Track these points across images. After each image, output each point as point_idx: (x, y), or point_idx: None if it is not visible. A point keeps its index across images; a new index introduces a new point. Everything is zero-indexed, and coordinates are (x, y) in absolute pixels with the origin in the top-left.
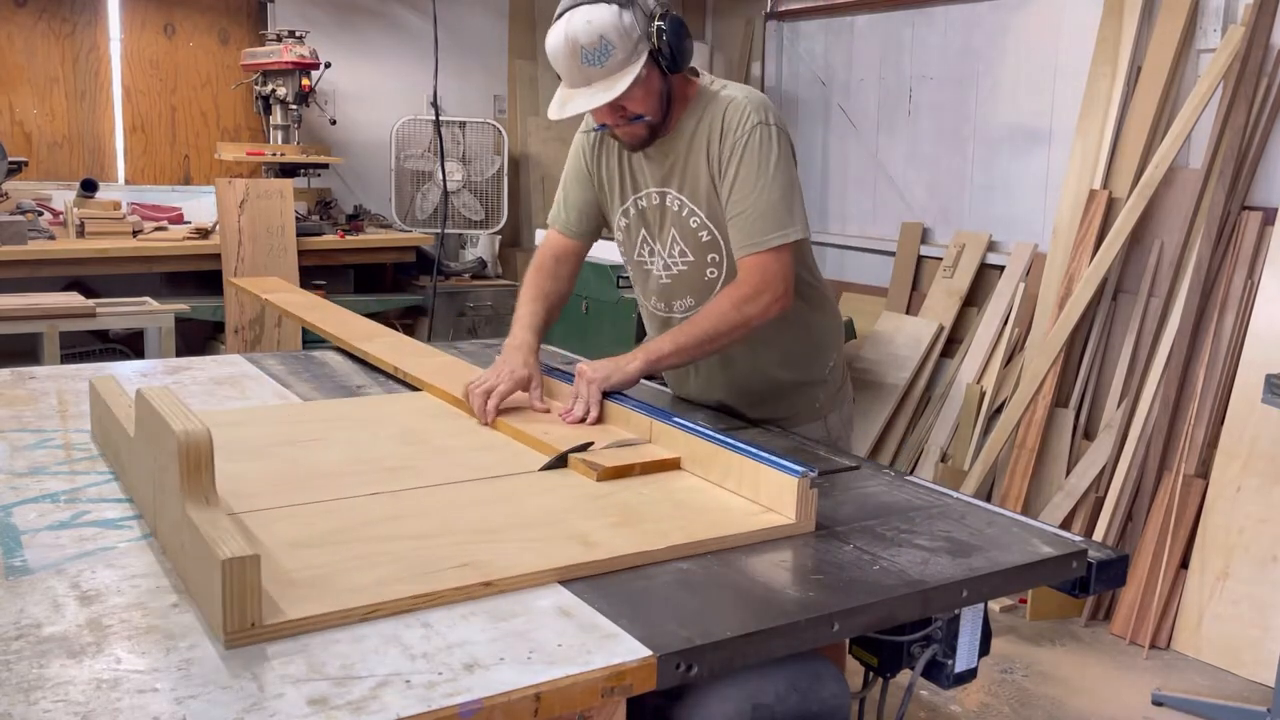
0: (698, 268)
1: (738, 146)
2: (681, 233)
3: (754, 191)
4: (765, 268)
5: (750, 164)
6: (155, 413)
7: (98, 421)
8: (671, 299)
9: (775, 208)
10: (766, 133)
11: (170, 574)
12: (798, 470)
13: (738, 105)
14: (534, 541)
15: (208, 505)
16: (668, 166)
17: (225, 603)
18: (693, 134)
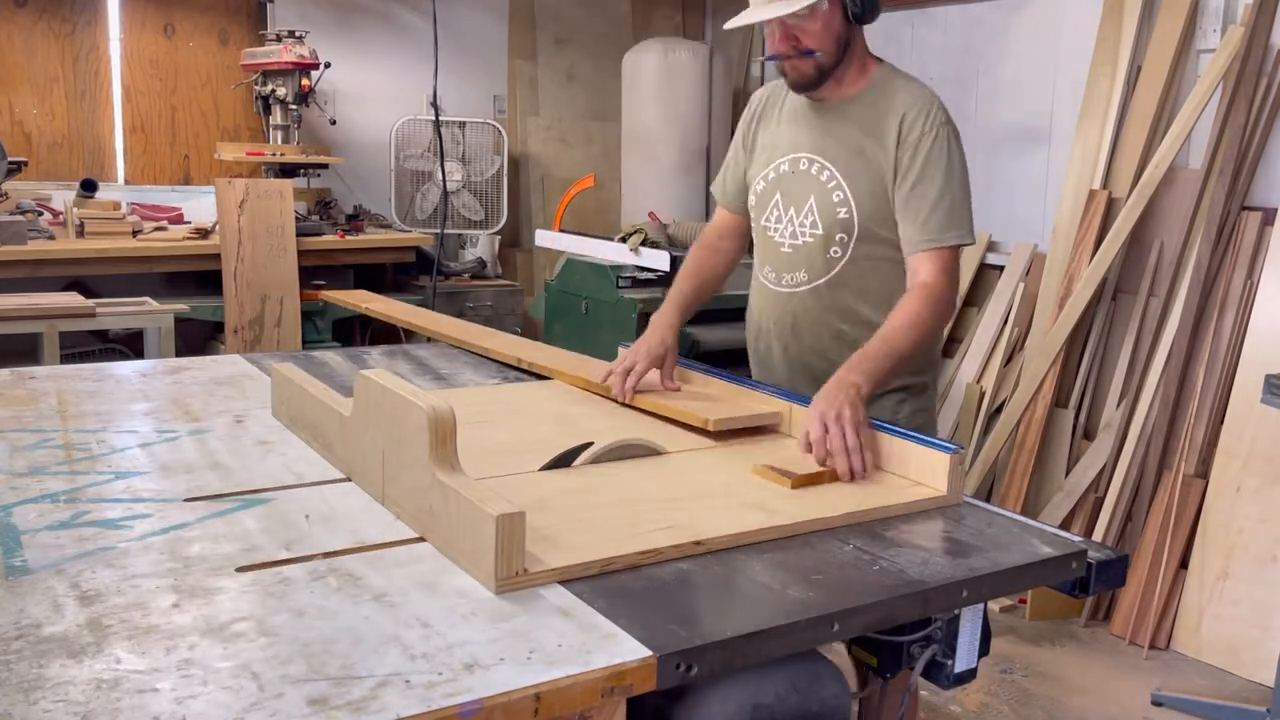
0: (823, 244)
1: (925, 139)
2: (820, 203)
3: (942, 188)
4: (945, 265)
5: (939, 161)
6: (389, 392)
7: (285, 402)
8: (785, 270)
9: (959, 208)
10: (952, 135)
11: (171, 574)
12: (949, 448)
13: (927, 99)
14: (719, 509)
15: (454, 471)
16: (826, 134)
17: (498, 553)
18: (866, 113)
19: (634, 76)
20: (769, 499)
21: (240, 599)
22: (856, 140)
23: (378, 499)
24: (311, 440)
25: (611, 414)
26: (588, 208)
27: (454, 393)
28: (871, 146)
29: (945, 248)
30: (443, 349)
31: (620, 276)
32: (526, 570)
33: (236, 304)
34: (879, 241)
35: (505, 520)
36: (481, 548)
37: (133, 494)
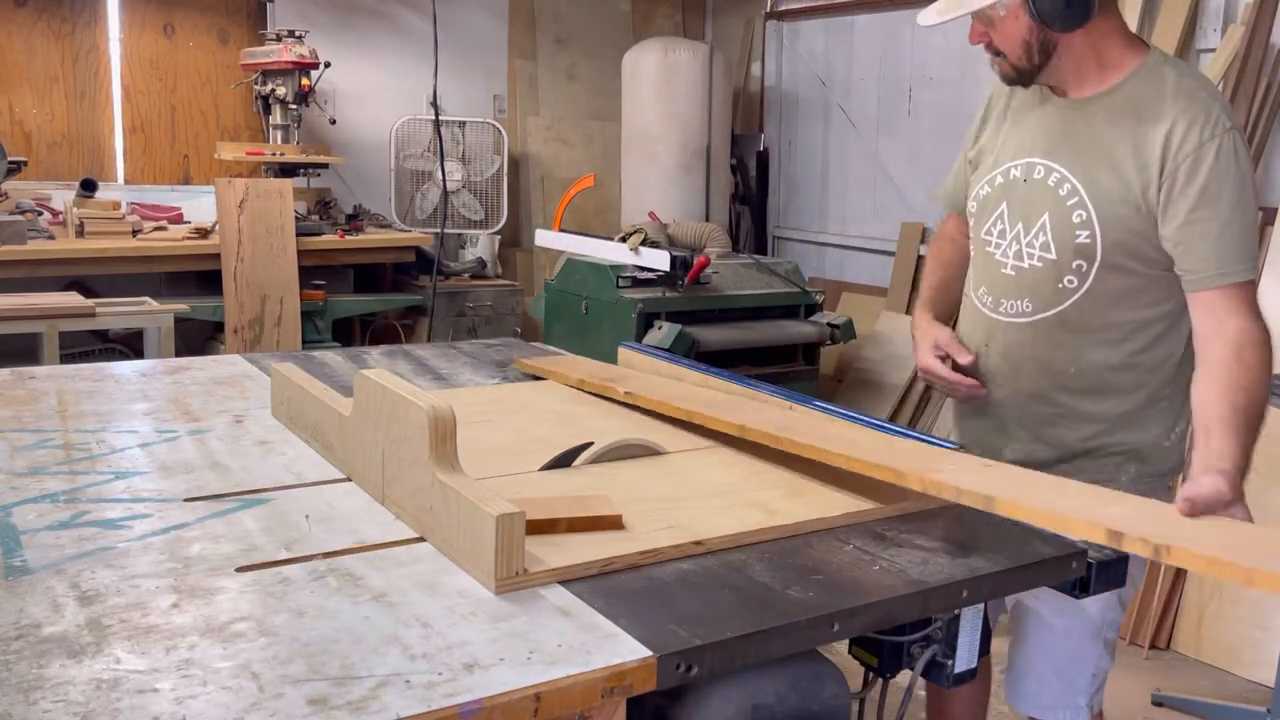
0: (1055, 270)
1: (1207, 150)
2: (1056, 224)
3: (1230, 210)
4: (1253, 302)
5: (1224, 177)
6: (388, 392)
7: (285, 402)
8: (1005, 295)
9: (1249, 233)
10: (1241, 143)
11: (171, 574)
12: (950, 446)
13: (1204, 102)
14: (720, 509)
15: (454, 471)
16: (1067, 138)
17: (498, 553)
18: (1120, 114)
19: (634, 76)
20: (771, 499)
21: (240, 599)
22: (1106, 148)
23: (378, 499)
24: (312, 440)
25: (609, 415)
26: (588, 208)
27: (454, 393)
28: (1125, 156)
29: (1247, 282)
30: (443, 349)
31: (620, 276)
32: (526, 570)
33: (236, 304)
34: (1124, 273)
35: (505, 520)
36: (481, 548)
37: (133, 494)
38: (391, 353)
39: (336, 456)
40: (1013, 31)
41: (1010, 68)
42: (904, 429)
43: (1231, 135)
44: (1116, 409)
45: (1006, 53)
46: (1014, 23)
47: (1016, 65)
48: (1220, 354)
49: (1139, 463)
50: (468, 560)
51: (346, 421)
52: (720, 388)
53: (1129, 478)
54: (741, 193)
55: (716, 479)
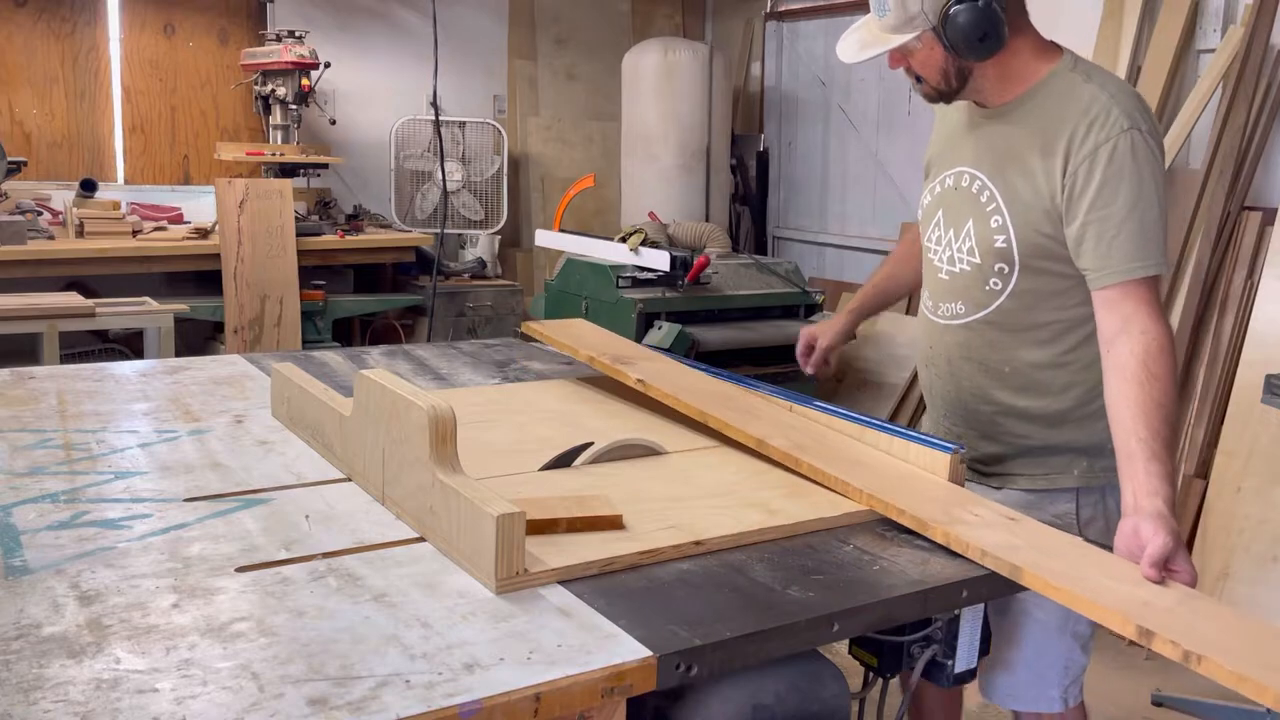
0: (980, 274)
1: (1102, 154)
2: (978, 230)
3: (1126, 209)
4: (1153, 301)
5: (1119, 176)
6: (388, 392)
7: (285, 402)
8: (942, 299)
9: (1149, 231)
10: (1141, 141)
11: (171, 574)
12: (948, 447)
13: (1104, 105)
14: (721, 509)
15: (454, 471)
16: (988, 147)
17: (498, 553)
18: (1032, 120)
19: (634, 76)
20: (771, 499)
21: (240, 599)
22: (1018, 154)
23: (378, 499)
24: (312, 440)
25: (610, 415)
26: (588, 208)
27: (454, 393)
28: (1035, 162)
29: (1143, 279)
30: (443, 349)
31: (620, 276)
32: (527, 570)
33: (236, 304)
34: (1046, 275)
35: (505, 520)
36: (482, 548)
37: (133, 494)
38: (391, 353)
39: (337, 456)
40: (929, 60)
41: (931, 89)
42: (905, 429)
43: (1130, 135)
44: (1053, 406)
45: (926, 78)
46: (929, 54)
47: (936, 88)
48: (1128, 362)
49: (1088, 458)
50: (468, 560)
51: (347, 421)
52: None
53: (1080, 471)
54: (741, 193)
55: (716, 479)
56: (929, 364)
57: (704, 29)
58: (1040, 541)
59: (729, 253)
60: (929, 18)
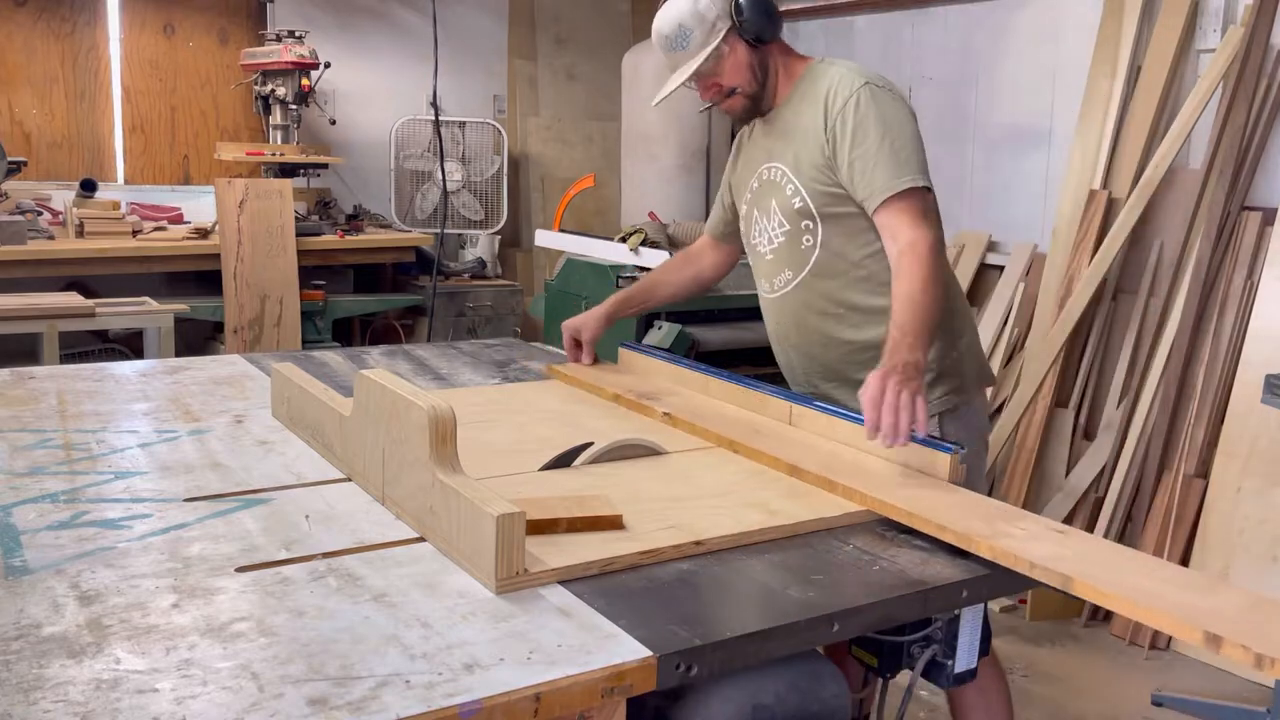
0: (794, 237)
1: (850, 104)
2: (780, 203)
3: (879, 137)
4: (918, 209)
5: (864, 119)
6: (388, 391)
7: (285, 402)
8: (773, 275)
9: (904, 151)
10: (877, 91)
11: (171, 574)
12: (948, 448)
13: (842, 74)
14: (721, 509)
15: (454, 471)
16: (776, 141)
17: (498, 553)
18: (797, 110)
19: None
20: (771, 499)
21: (240, 599)
22: (796, 133)
23: (378, 499)
24: (312, 440)
25: (609, 415)
26: (588, 208)
27: (454, 392)
28: (806, 131)
29: (905, 192)
30: (443, 349)
31: (620, 276)
32: (527, 570)
33: (236, 304)
34: (843, 218)
35: (505, 520)
36: (482, 548)
37: (132, 494)
38: (391, 353)
39: (337, 456)
40: (737, 62)
41: (745, 99)
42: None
43: (867, 88)
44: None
45: (739, 86)
46: (735, 54)
47: (747, 93)
48: (895, 260)
49: (941, 383)
50: (468, 560)
51: (347, 421)
52: (720, 389)
53: (937, 396)
54: None
55: (716, 479)
56: (782, 340)
57: None
58: (1088, 551)
59: None
60: (725, 19)
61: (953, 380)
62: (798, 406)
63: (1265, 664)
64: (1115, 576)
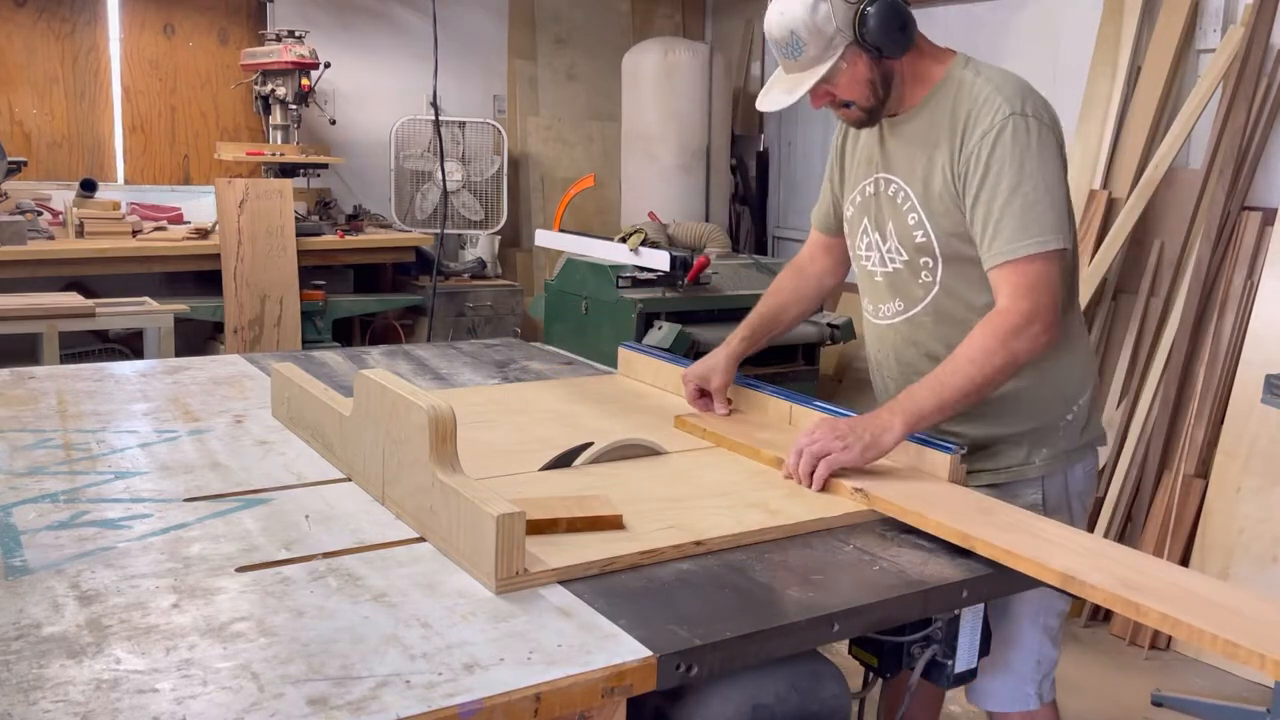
0: (911, 270)
1: (986, 141)
2: (899, 229)
3: (1012, 187)
4: (1025, 282)
5: (1001, 161)
6: (388, 391)
7: (285, 402)
8: (881, 301)
9: (1036, 208)
10: (1023, 125)
11: (171, 574)
12: (949, 448)
13: (987, 95)
14: (722, 509)
15: (455, 472)
16: (899, 151)
17: (498, 554)
18: (931, 123)
19: (634, 76)
20: (772, 499)
21: (240, 599)
22: (925, 153)
23: (378, 499)
24: (312, 440)
25: (612, 415)
26: (588, 208)
27: (454, 392)
28: (939, 157)
29: (1021, 260)
30: (443, 349)
31: (620, 276)
32: (527, 570)
33: (236, 304)
34: (968, 261)
35: (506, 520)
36: (482, 548)
37: (133, 494)
38: (391, 353)
39: (336, 456)
40: (855, 78)
41: (861, 112)
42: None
43: (1012, 120)
44: (1003, 390)
45: (855, 100)
46: (854, 69)
47: (865, 107)
48: (971, 333)
49: (1047, 445)
50: (468, 560)
51: (347, 421)
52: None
53: (1041, 460)
54: (741, 193)
55: (717, 479)
56: (880, 367)
57: (704, 29)
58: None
59: (729, 253)
60: (846, 32)
61: (1057, 445)
62: (798, 406)
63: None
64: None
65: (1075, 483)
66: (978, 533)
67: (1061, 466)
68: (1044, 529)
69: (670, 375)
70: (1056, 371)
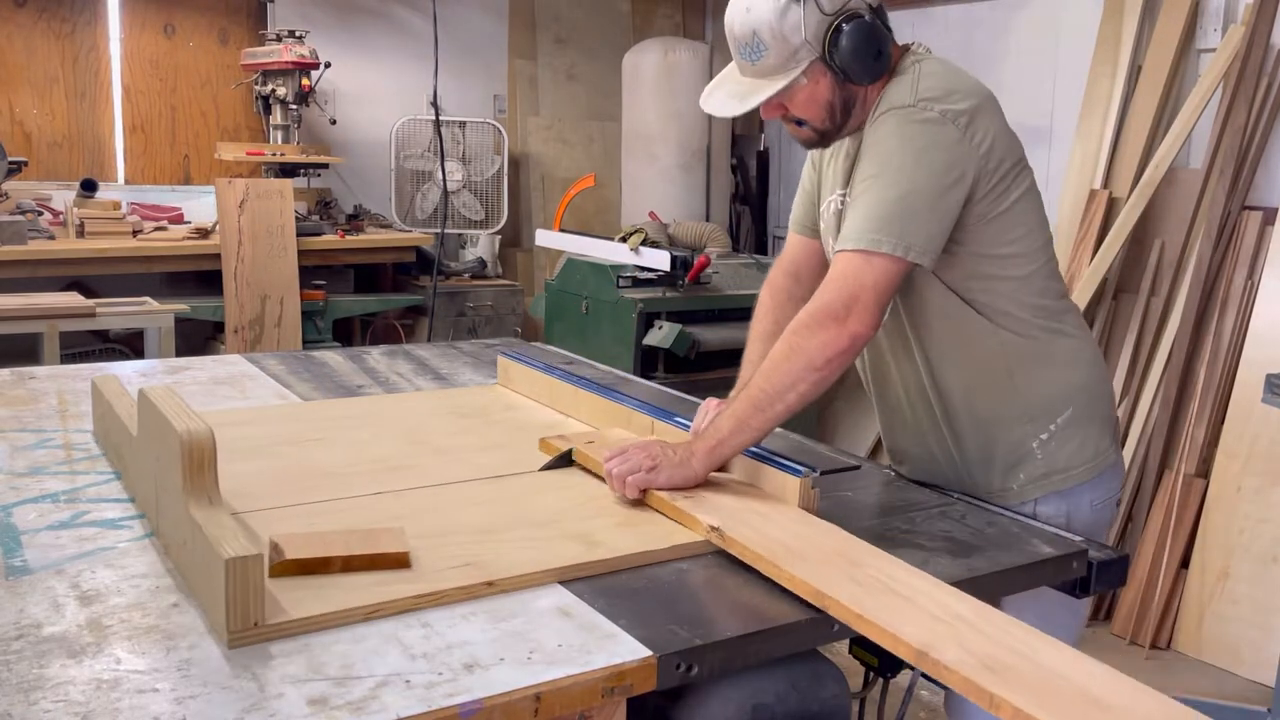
0: None
1: (875, 131)
2: None
3: (863, 181)
4: (837, 277)
5: (868, 150)
6: (158, 412)
7: (100, 420)
8: None
9: (880, 207)
10: (907, 117)
11: (171, 574)
12: (800, 470)
13: (904, 86)
14: (536, 541)
15: (210, 505)
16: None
17: (229, 602)
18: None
19: (634, 76)
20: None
21: None
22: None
23: (153, 531)
24: (117, 464)
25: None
26: (588, 208)
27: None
28: None
29: (848, 252)
30: (443, 349)
31: (620, 276)
32: (263, 622)
33: (236, 304)
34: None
35: (235, 565)
36: (216, 594)
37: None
38: (392, 352)
39: (126, 483)
40: (814, 97)
41: (813, 133)
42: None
43: (907, 111)
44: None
45: (810, 119)
46: (814, 87)
47: (819, 129)
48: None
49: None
50: (206, 608)
51: (134, 443)
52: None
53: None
54: (741, 193)
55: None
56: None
57: (704, 29)
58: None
59: (729, 252)
60: (814, 46)
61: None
62: (659, 422)
63: None
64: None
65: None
66: (832, 591)
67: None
68: (912, 586)
69: (546, 387)
70: (1022, 389)
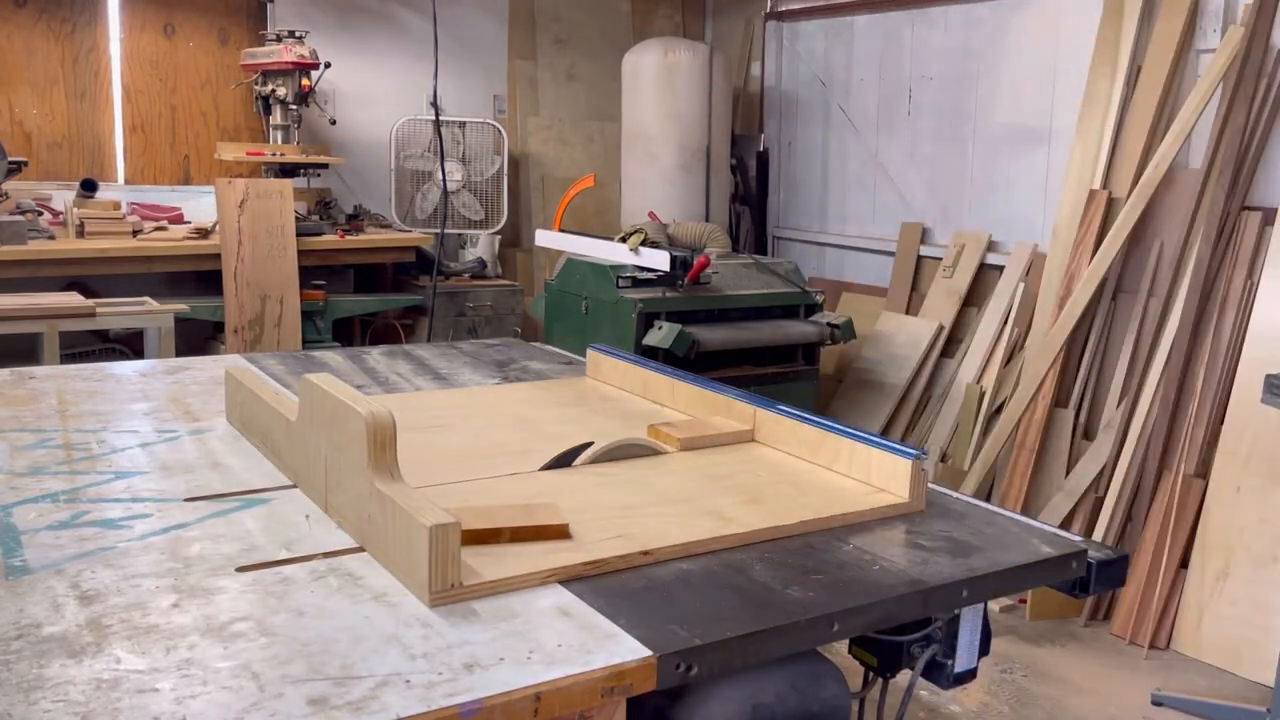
0: None
1: None
2: None
3: None
4: None
5: None
6: (331, 397)
7: (239, 407)
8: None
9: None
10: None
11: (171, 573)
12: (910, 453)
13: None
14: (674, 516)
15: (393, 479)
16: None
17: (431, 566)
18: None
19: (634, 76)
20: (727, 506)
21: (240, 599)
22: None
23: (321, 507)
24: (262, 446)
25: (570, 420)
26: (588, 208)
27: (411, 396)
28: None
29: None
30: (443, 349)
31: (620, 276)
32: (462, 584)
33: (236, 304)
34: None
35: (439, 531)
36: (415, 559)
37: (133, 494)
38: (392, 352)
39: (284, 463)
40: None
41: None
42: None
43: None
44: None
45: None
46: None
47: None
48: None
49: None
50: (403, 573)
51: (292, 427)
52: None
53: None
54: (741, 193)
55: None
56: None
57: (704, 29)
58: None
59: (729, 253)
60: None
61: None
62: (761, 410)
63: None
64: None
65: None
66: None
67: None
68: None
69: (637, 378)
70: None
